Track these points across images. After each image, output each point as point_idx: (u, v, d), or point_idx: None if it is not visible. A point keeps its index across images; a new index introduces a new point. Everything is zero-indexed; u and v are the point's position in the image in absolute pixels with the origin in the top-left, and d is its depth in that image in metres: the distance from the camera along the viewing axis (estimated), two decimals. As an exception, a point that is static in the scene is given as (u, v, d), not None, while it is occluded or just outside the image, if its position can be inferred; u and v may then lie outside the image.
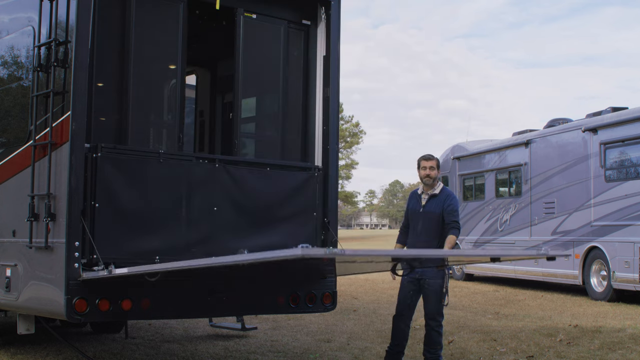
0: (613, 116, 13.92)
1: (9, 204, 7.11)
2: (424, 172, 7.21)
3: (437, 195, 7.19)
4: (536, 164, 16.13)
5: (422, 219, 7.21)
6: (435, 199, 7.17)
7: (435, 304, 7.06)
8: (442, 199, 7.16)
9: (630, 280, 13.07)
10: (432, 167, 7.21)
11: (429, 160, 7.25)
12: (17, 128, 7.42)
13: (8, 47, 7.59)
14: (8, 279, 6.86)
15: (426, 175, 7.20)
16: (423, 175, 7.22)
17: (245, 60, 7.60)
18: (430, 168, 7.20)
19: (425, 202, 7.22)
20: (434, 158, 7.30)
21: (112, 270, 5.78)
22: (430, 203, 7.20)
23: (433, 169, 7.22)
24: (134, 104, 6.91)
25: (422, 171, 7.23)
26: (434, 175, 7.22)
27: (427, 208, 7.19)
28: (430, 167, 7.21)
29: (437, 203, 7.15)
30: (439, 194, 7.20)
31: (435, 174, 7.24)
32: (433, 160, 7.27)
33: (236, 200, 7.17)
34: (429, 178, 7.20)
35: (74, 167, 6.16)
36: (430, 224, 7.14)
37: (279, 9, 7.87)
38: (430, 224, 7.14)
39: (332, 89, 7.84)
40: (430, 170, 7.20)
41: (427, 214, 7.17)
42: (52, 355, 7.78)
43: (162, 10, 7.18)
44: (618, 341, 8.97)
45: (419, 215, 7.24)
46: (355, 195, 79.90)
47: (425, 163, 7.25)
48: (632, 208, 13.16)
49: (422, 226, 7.20)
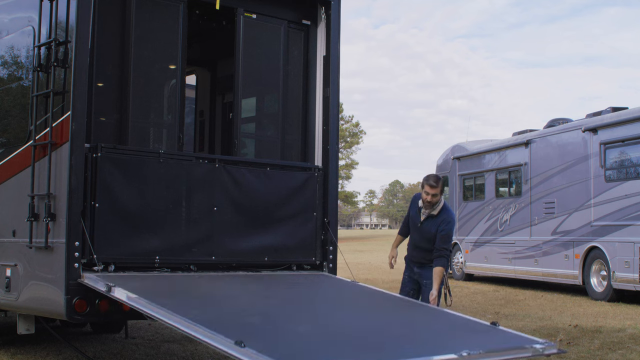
0: (613, 116, 13.92)
1: (9, 204, 7.11)
2: (426, 197, 7.03)
3: (435, 216, 7.09)
4: (536, 164, 16.13)
5: (419, 233, 7.18)
6: (433, 220, 7.08)
7: None
8: (438, 222, 7.04)
9: (630, 280, 13.06)
10: (435, 194, 7.01)
11: (434, 188, 7.01)
12: (17, 128, 7.42)
13: (8, 47, 7.59)
14: (8, 279, 6.86)
15: (428, 201, 7.04)
16: (424, 199, 7.05)
17: (245, 60, 7.60)
18: (433, 195, 7.01)
19: (423, 219, 7.14)
20: (438, 185, 7.04)
21: (111, 289, 5.69)
22: (427, 222, 7.12)
23: (436, 196, 7.02)
24: (134, 104, 6.92)
25: (425, 195, 7.04)
26: (435, 201, 7.05)
27: (424, 225, 7.13)
28: (433, 194, 7.00)
29: (434, 224, 7.06)
30: (437, 216, 7.07)
31: (437, 200, 7.06)
32: (437, 187, 7.03)
33: (236, 200, 7.17)
34: (430, 203, 7.05)
35: (74, 167, 6.17)
36: (426, 241, 7.11)
37: (279, 9, 7.87)
38: (427, 240, 7.10)
39: (332, 89, 7.84)
40: (433, 197, 7.01)
41: (424, 231, 7.12)
42: (52, 355, 7.78)
43: (162, 10, 7.18)
44: (618, 341, 8.97)
45: (417, 228, 7.21)
46: (355, 195, 79.89)
47: (429, 190, 7.01)
48: (632, 208, 13.15)
49: (418, 238, 7.19)
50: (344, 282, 7.46)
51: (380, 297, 7.01)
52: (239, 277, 7.00)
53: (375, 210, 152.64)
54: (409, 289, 7.24)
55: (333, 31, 7.85)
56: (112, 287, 5.70)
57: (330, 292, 6.99)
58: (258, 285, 6.76)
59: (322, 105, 7.94)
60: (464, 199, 19.19)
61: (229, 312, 5.58)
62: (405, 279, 7.32)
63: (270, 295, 6.41)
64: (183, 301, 5.70)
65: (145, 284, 6.19)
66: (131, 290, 5.61)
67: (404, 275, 7.35)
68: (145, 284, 6.18)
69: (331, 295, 6.87)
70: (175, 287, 6.30)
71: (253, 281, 6.91)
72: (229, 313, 5.53)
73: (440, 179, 7.15)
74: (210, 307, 5.56)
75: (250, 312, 5.61)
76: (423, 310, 6.57)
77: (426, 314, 6.44)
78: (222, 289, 6.58)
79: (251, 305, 5.96)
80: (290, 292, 6.71)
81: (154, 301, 5.29)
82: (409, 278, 7.28)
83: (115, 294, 5.64)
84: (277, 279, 7.21)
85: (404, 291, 7.28)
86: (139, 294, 5.50)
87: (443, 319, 6.23)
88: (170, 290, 6.19)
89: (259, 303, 6.09)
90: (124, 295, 5.55)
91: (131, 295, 5.50)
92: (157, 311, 5.12)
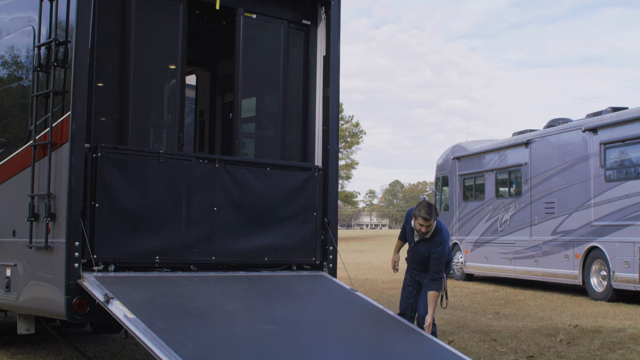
0: (613, 116, 13.92)
1: (9, 204, 7.11)
2: (421, 228, 6.90)
3: (428, 239, 7.01)
4: (536, 164, 16.13)
5: (413, 251, 7.17)
6: (426, 242, 7.01)
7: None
8: (430, 245, 6.96)
9: (630, 280, 13.06)
10: (429, 225, 6.88)
11: (427, 221, 6.85)
12: (17, 128, 7.42)
13: (8, 47, 7.59)
14: (8, 279, 6.86)
15: (422, 232, 6.93)
16: (419, 230, 6.93)
17: (245, 60, 7.61)
18: (427, 227, 6.89)
19: (417, 240, 7.09)
20: (432, 217, 6.87)
21: (110, 300, 5.68)
22: (421, 244, 7.05)
23: (430, 227, 6.90)
24: (134, 104, 6.92)
25: (419, 226, 6.90)
26: (427, 232, 6.93)
27: (417, 246, 7.09)
28: (427, 226, 6.88)
29: (427, 246, 7.00)
30: (429, 238, 6.99)
31: (429, 230, 6.93)
32: (431, 219, 6.87)
33: (236, 200, 7.17)
34: (422, 233, 6.95)
35: (74, 167, 6.17)
36: (420, 258, 7.09)
37: (279, 9, 7.87)
38: (420, 258, 7.08)
39: (332, 89, 7.85)
40: (427, 228, 6.90)
41: (417, 251, 7.09)
42: (52, 355, 7.78)
43: (162, 10, 7.18)
44: (618, 341, 8.97)
45: (412, 247, 7.19)
46: (355, 195, 79.86)
47: (423, 222, 6.86)
48: (632, 208, 13.15)
49: (413, 254, 7.19)
50: (341, 292, 7.35)
51: (375, 318, 6.89)
52: (238, 284, 6.94)
53: (375, 210, 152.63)
54: (411, 289, 7.27)
55: (333, 31, 7.85)
56: (110, 298, 5.70)
57: (324, 314, 6.85)
58: (256, 300, 6.68)
59: (322, 105, 7.94)
60: (464, 199, 19.19)
61: (221, 346, 5.57)
62: (407, 279, 7.34)
63: (266, 316, 6.33)
64: (179, 325, 5.68)
65: (145, 295, 6.13)
66: (129, 304, 5.63)
67: (406, 275, 7.36)
68: (144, 295, 6.12)
69: (325, 318, 6.72)
70: (174, 299, 6.24)
71: (252, 291, 6.84)
72: (220, 349, 5.53)
73: (433, 207, 6.97)
74: (203, 336, 5.59)
75: (241, 347, 5.62)
76: (415, 343, 6.52)
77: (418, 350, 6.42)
78: (219, 302, 6.48)
79: (245, 331, 5.95)
80: (286, 311, 6.62)
81: (150, 326, 5.34)
82: (411, 279, 7.31)
83: (113, 309, 5.63)
84: (276, 287, 7.14)
85: (407, 290, 7.29)
86: (136, 312, 5.53)
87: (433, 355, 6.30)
88: (170, 303, 6.14)
89: (253, 329, 6.04)
90: (121, 314, 5.55)
91: (129, 315, 5.50)
92: (152, 341, 5.20)
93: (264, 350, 5.64)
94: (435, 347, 6.45)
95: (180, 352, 5.07)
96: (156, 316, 5.65)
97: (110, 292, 5.79)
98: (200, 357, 5.20)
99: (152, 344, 5.16)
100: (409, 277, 7.33)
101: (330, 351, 5.98)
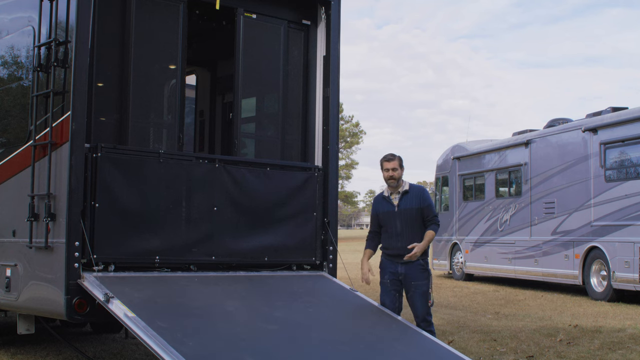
0: (613, 116, 13.92)
1: (9, 204, 7.12)
2: (387, 174, 6.93)
3: (408, 191, 6.96)
4: (536, 164, 16.13)
5: (400, 218, 6.95)
6: (408, 195, 6.95)
7: (423, 305, 6.90)
8: (417, 195, 6.94)
9: (630, 280, 13.06)
10: (394, 168, 6.92)
11: (391, 162, 6.94)
12: (17, 128, 7.42)
13: (8, 47, 7.59)
14: (8, 279, 6.86)
15: (390, 177, 6.93)
16: (387, 177, 6.95)
17: (245, 60, 7.61)
18: (392, 169, 6.91)
19: (398, 201, 6.97)
20: (395, 158, 6.98)
21: (110, 300, 5.68)
22: (404, 200, 6.95)
23: (396, 170, 6.93)
24: (134, 104, 6.92)
25: (385, 173, 6.94)
26: (397, 176, 6.94)
27: (402, 206, 6.95)
28: (392, 168, 6.91)
29: (412, 198, 6.93)
30: (410, 190, 6.96)
31: (399, 174, 6.96)
32: (394, 160, 6.95)
33: (236, 200, 7.17)
34: (393, 179, 6.94)
35: (74, 167, 6.17)
36: (410, 221, 6.92)
37: (279, 9, 7.87)
38: (410, 221, 6.92)
39: (332, 89, 7.85)
40: (393, 172, 6.92)
41: (405, 212, 6.93)
42: (52, 355, 7.78)
43: (162, 10, 7.18)
44: (618, 341, 8.97)
45: (395, 215, 6.96)
46: (355, 195, 79.79)
47: (387, 165, 6.94)
48: (632, 208, 13.15)
49: (401, 225, 6.95)
50: (341, 292, 7.33)
51: (375, 318, 6.84)
52: (238, 284, 6.92)
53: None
54: (394, 292, 6.98)
55: (333, 31, 7.85)
56: (110, 298, 5.70)
57: (324, 313, 6.83)
58: (256, 300, 6.66)
59: (322, 105, 7.94)
60: (464, 199, 19.19)
61: (222, 345, 5.56)
62: (386, 284, 7.02)
63: (266, 316, 6.31)
64: (180, 324, 5.68)
65: (145, 294, 6.12)
66: (129, 303, 5.63)
67: (384, 280, 7.04)
68: (145, 294, 6.11)
69: (325, 318, 6.69)
70: (174, 298, 6.23)
71: (252, 291, 6.83)
72: (221, 348, 5.52)
73: (395, 154, 7.05)
74: (203, 335, 5.58)
75: (241, 346, 5.61)
76: (414, 343, 6.49)
77: (418, 350, 6.38)
78: (220, 302, 6.46)
79: (245, 331, 5.94)
80: (286, 311, 6.59)
81: (151, 325, 5.34)
82: (390, 282, 6.99)
83: (114, 308, 5.63)
84: (276, 287, 7.12)
85: (388, 297, 6.99)
86: (137, 311, 5.53)
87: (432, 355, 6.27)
88: (170, 302, 6.13)
89: (253, 329, 6.04)
90: (121, 313, 5.55)
91: (129, 314, 5.50)
92: (152, 339, 5.19)
93: (264, 349, 5.65)
94: (435, 347, 6.44)
95: (180, 350, 5.07)
96: (156, 315, 5.65)
97: (111, 291, 5.79)
98: (200, 355, 5.20)
99: (152, 343, 5.16)
100: (388, 282, 7.00)
101: (330, 351, 5.97)
